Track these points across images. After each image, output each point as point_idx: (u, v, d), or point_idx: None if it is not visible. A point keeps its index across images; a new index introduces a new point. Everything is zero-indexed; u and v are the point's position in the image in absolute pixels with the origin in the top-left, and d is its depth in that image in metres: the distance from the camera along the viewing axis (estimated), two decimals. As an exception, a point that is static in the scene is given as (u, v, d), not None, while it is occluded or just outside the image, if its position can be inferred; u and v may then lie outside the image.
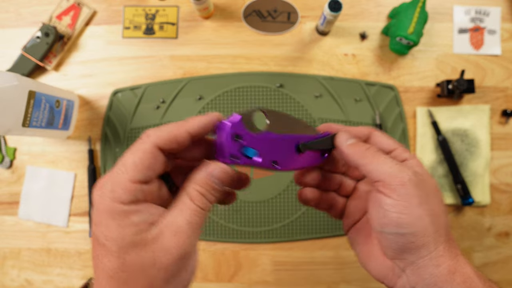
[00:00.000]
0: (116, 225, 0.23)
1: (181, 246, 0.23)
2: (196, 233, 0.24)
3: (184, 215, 0.24)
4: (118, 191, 0.23)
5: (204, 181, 0.25)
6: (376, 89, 0.64)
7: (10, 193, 0.65)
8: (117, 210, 0.23)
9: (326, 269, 0.63)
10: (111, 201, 0.23)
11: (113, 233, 0.23)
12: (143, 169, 0.24)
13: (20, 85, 0.49)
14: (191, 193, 0.25)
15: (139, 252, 0.23)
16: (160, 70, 0.65)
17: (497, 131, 0.64)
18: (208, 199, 0.25)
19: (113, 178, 0.24)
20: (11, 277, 0.64)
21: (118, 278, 0.23)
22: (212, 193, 0.25)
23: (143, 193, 0.24)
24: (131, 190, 0.23)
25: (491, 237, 0.63)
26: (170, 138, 0.25)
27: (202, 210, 0.25)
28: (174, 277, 0.23)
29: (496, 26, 0.65)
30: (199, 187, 0.25)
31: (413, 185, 0.26)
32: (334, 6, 0.57)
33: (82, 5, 0.66)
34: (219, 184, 0.25)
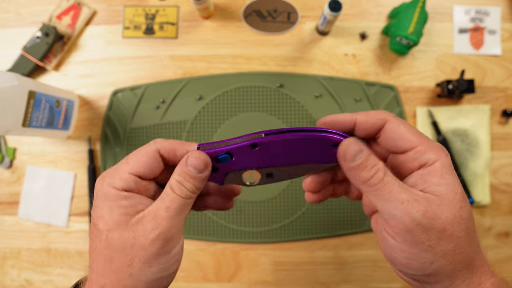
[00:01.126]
0: (107, 206, 0.25)
1: (159, 228, 0.25)
2: (176, 219, 0.26)
3: (163, 202, 0.26)
4: (115, 178, 0.26)
5: (181, 170, 0.27)
6: (376, 89, 0.64)
7: (10, 193, 0.65)
8: (110, 193, 0.26)
9: (326, 269, 0.63)
10: (108, 186, 0.26)
11: (103, 213, 0.25)
12: (142, 165, 0.27)
13: (20, 85, 0.49)
14: (171, 182, 0.27)
15: (122, 232, 0.25)
16: (160, 70, 0.65)
17: (497, 131, 0.64)
18: (186, 187, 0.26)
19: (114, 169, 0.27)
20: (11, 277, 0.64)
21: (104, 256, 0.25)
22: (190, 180, 0.26)
23: (137, 186, 0.27)
24: (126, 179, 0.26)
25: (491, 237, 0.63)
26: (171, 149, 0.28)
27: (181, 198, 0.26)
28: (153, 259, 0.25)
29: (496, 26, 0.65)
30: (177, 176, 0.27)
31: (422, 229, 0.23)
32: (334, 6, 0.57)
33: (82, 5, 0.66)
34: (194, 171, 0.27)
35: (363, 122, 0.27)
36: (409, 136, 0.26)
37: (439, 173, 0.24)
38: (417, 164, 0.25)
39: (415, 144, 0.25)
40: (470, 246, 0.24)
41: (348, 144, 0.25)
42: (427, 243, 0.23)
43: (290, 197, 0.63)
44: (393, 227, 0.23)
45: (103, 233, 0.25)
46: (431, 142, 0.26)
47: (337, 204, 0.63)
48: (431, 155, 0.25)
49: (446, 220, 0.23)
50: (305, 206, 0.63)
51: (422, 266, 0.23)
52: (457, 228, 0.23)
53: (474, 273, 0.24)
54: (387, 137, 0.26)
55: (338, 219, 0.63)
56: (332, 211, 0.63)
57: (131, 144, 0.64)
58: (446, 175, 0.24)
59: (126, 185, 0.26)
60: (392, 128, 0.26)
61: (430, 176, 0.24)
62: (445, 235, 0.23)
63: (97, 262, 0.25)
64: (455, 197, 0.24)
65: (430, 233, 0.23)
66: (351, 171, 0.25)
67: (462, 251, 0.23)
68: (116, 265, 0.25)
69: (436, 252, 0.23)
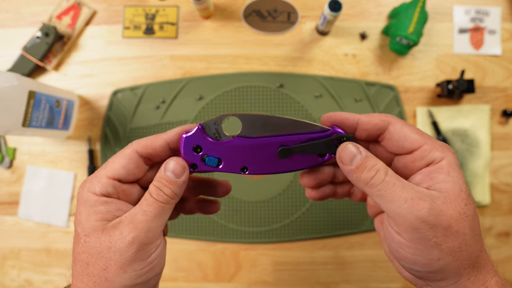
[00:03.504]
0: (86, 211, 0.26)
1: (134, 232, 0.25)
2: (153, 223, 0.26)
3: (141, 206, 0.26)
4: (94, 184, 0.26)
5: (159, 176, 0.27)
6: (376, 89, 0.64)
7: (10, 193, 0.65)
8: (89, 199, 0.26)
9: (326, 269, 0.63)
10: (87, 191, 0.26)
11: (81, 218, 0.26)
12: (119, 168, 0.27)
13: (20, 85, 0.49)
14: (150, 188, 0.27)
15: (98, 236, 0.25)
16: (160, 70, 0.65)
17: (497, 131, 0.64)
18: (164, 192, 0.27)
19: (94, 175, 0.27)
20: (11, 277, 0.64)
21: (81, 260, 0.25)
22: (167, 185, 0.27)
23: (116, 190, 0.27)
24: (104, 184, 0.26)
25: (491, 237, 0.63)
26: (148, 145, 0.28)
27: (158, 202, 0.26)
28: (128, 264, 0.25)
29: (496, 26, 0.65)
30: (157, 182, 0.27)
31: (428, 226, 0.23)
32: (334, 6, 0.57)
33: (82, 5, 0.66)
34: (173, 177, 0.27)
35: (365, 122, 0.27)
36: (414, 136, 0.26)
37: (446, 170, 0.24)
38: (424, 162, 0.25)
39: (421, 143, 0.25)
40: (475, 243, 0.24)
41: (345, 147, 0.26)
42: (433, 240, 0.23)
43: (290, 197, 0.63)
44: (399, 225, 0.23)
45: (81, 238, 0.26)
46: (436, 141, 0.26)
47: (337, 204, 0.63)
48: (437, 153, 0.25)
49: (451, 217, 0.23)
50: (305, 206, 0.63)
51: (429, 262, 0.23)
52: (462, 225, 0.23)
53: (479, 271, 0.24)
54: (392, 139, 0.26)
55: (338, 219, 0.63)
56: (332, 211, 0.63)
57: (131, 144, 0.64)
58: (453, 172, 0.24)
59: (104, 190, 0.26)
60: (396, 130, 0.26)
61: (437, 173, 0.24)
62: (450, 231, 0.23)
63: (76, 266, 0.26)
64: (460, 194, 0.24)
65: (436, 230, 0.23)
66: (351, 174, 0.25)
67: (468, 248, 0.23)
68: (92, 269, 0.25)
69: (443, 249, 0.23)
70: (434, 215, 0.23)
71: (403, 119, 0.63)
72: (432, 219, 0.23)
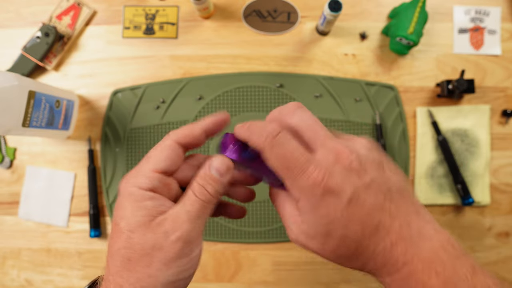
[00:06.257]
0: (131, 206, 0.26)
1: (179, 231, 0.25)
2: (196, 222, 0.26)
3: (184, 205, 0.26)
4: (140, 178, 0.26)
5: (204, 173, 0.27)
6: (376, 89, 0.64)
7: (10, 193, 0.65)
8: (135, 194, 0.26)
9: (326, 269, 0.63)
10: (132, 186, 0.26)
11: (127, 213, 0.26)
12: (163, 160, 0.27)
13: (20, 85, 0.49)
14: (193, 185, 0.27)
15: (143, 233, 0.25)
16: (160, 70, 0.65)
17: (497, 131, 0.64)
18: (207, 190, 0.27)
19: (137, 169, 0.27)
20: (11, 277, 0.64)
21: (123, 255, 0.25)
22: (212, 184, 0.27)
23: (161, 183, 0.27)
24: (150, 178, 0.26)
25: (491, 237, 0.63)
26: (187, 134, 0.28)
27: (201, 201, 0.26)
28: (172, 261, 0.25)
29: (496, 26, 0.65)
30: (200, 179, 0.27)
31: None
32: (334, 6, 0.57)
33: (82, 5, 0.66)
34: (217, 175, 0.27)
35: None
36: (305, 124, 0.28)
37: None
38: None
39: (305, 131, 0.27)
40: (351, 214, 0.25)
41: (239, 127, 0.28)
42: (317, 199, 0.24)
43: (290, 197, 0.63)
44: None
45: (124, 233, 0.25)
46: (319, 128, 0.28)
47: (337, 204, 0.63)
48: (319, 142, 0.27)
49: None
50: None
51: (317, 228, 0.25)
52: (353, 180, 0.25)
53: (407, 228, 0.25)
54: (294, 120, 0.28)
55: (338, 219, 0.63)
56: (332, 211, 0.63)
57: (131, 144, 0.64)
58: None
59: (151, 184, 0.26)
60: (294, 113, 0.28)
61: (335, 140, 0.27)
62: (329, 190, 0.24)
63: (116, 261, 0.25)
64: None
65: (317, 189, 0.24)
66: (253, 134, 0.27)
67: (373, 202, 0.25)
68: (134, 265, 0.25)
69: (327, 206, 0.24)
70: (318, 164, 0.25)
71: (403, 119, 0.64)
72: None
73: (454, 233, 0.64)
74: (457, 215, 0.64)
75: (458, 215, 0.64)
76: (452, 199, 0.63)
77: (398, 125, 0.64)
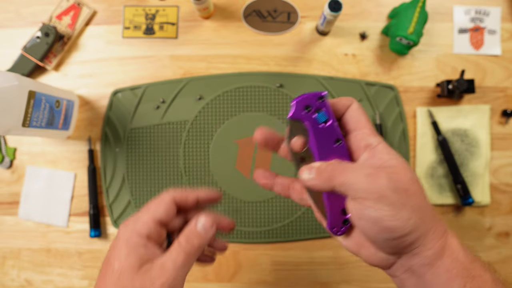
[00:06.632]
0: (126, 250, 0.29)
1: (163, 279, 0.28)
2: (180, 271, 0.29)
3: (171, 255, 0.30)
4: (139, 225, 0.30)
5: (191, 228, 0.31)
6: (376, 89, 0.64)
7: (10, 193, 0.65)
8: (132, 239, 0.30)
9: (326, 269, 0.63)
10: (131, 231, 0.30)
11: (121, 255, 0.29)
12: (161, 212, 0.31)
13: (20, 85, 0.49)
14: (180, 238, 0.31)
15: (132, 276, 0.28)
16: (160, 70, 0.65)
17: (497, 131, 0.64)
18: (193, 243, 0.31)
19: (137, 216, 0.31)
20: (11, 277, 0.64)
21: None
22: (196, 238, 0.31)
23: (155, 231, 0.31)
24: (148, 226, 0.30)
25: (491, 237, 0.63)
26: (183, 196, 0.34)
27: (187, 253, 0.30)
28: None
29: (496, 26, 0.65)
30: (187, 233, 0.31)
31: (392, 191, 0.26)
32: (334, 6, 0.57)
33: (82, 5, 0.66)
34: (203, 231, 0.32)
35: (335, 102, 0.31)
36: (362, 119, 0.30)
37: (386, 151, 0.28)
38: (363, 143, 0.29)
39: (365, 125, 0.30)
40: (428, 202, 0.28)
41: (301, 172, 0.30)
42: (400, 201, 0.26)
43: (290, 197, 0.63)
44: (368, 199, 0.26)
45: (116, 273, 0.29)
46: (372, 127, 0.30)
47: (337, 204, 0.63)
48: (374, 139, 0.29)
49: (406, 181, 0.27)
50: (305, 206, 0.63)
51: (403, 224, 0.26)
52: (415, 187, 0.27)
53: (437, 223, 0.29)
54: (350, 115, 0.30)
55: (338, 219, 0.63)
56: (332, 211, 0.63)
57: (131, 144, 0.64)
58: (391, 152, 0.29)
59: (148, 231, 0.30)
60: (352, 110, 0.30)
61: (381, 154, 0.28)
62: (410, 193, 0.27)
63: None
64: (404, 165, 0.28)
65: (399, 193, 0.26)
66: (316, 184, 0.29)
67: (424, 205, 0.28)
68: None
69: (408, 208, 0.26)
70: (393, 181, 0.26)
71: (403, 119, 0.64)
72: (392, 184, 0.26)
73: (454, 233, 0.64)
74: (457, 215, 0.64)
75: (458, 215, 0.64)
76: (452, 199, 0.63)
77: (398, 125, 0.64)
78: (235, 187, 0.63)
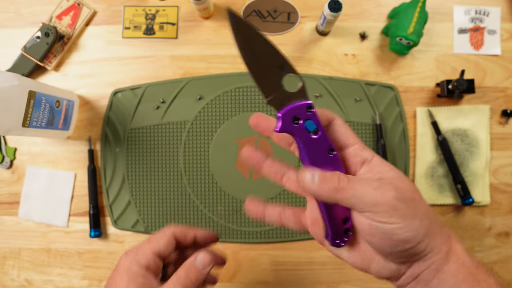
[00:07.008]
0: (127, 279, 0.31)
1: None
2: None
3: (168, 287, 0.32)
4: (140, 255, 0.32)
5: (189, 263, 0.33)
6: (376, 89, 0.64)
7: (10, 193, 0.65)
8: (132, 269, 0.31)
9: (326, 269, 0.63)
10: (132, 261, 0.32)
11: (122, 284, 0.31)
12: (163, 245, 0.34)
13: (20, 85, 0.49)
14: (179, 272, 0.33)
15: None
16: (160, 70, 0.65)
17: (497, 131, 0.64)
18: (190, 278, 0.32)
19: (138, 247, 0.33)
20: (11, 277, 0.64)
21: None
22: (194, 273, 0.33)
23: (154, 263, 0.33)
24: (149, 257, 0.32)
25: (491, 237, 0.63)
26: (183, 233, 0.36)
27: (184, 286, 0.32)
28: None
29: (496, 26, 0.65)
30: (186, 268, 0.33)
31: (402, 202, 0.26)
32: (334, 6, 0.57)
33: (82, 5, 0.66)
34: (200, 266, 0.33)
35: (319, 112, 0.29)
36: (350, 135, 0.30)
37: (382, 163, 0.29)
38: (359, 159, 0.29)
39: (355, 142, 0.29)
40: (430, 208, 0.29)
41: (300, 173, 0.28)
42: (410, 212, 0.26)
43: (290, 197, 0.63)
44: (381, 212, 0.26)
45: None
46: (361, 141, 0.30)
47: (337, 204, 0.63)
48: (368, 153, 0.29)
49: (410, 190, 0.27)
50: (305, 206, 0.63)
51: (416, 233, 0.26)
52: (417, 195, 0.28)
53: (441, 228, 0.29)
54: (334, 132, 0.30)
55: (338, 219, 0.63)
56: (332, 211, 0.63)
57: (131, 144, 0.64)
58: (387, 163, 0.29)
59: (147, 262, 0.32)
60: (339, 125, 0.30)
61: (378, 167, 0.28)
62: (416, 201, 0.27)
63: None
64: (402, 175, 0.28)
65: (407, 203, 0.26)
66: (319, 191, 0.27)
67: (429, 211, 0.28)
68: None
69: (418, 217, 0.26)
70: (400, 191, 0.26)
71: (403, 119, 0.64)
72: (401, 195, 0.26)
73: (454, 233, 0.63)
74: (457, 215, 0.64)
75: (458, 215, 0.64)
76: (452, 199, 0.63)
77: (398, 125, 0.64)
78: (235, 187, 0.63)
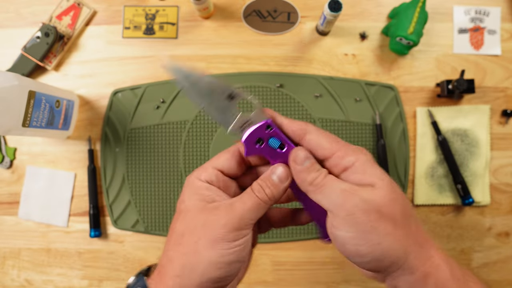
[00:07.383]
0: (189, 193, 0.30)
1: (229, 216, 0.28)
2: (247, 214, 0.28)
3: (241, 198, 0.29)
4: (200, 172, 0.31)
5: (265, 177, 0.30)
6: (376, 89, 0.64)
7: (10, 193, 0.65)
8: (194, 183, 0.30)
9: (326, 269, 0.63)
10: (194, 178, 0.30)
11: (185, 197, 0.30)
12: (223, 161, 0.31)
13: (20, 85, 0.49)
14: (253, 185, 0.30)
15: (197, 213, 0.29)
16: (160, 70, 0.65)
17: (497, 131, 0.64)
18: (265, 191, 0.29)
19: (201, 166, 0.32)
20: (11, 277, 0.64)
21: (178, 232, 0.29)
22: (270, 187, 0.29)
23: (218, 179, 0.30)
24: (209, 172, 0.30)
25: (491, 237, 0.63)
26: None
27: (258, 199, 0.29)
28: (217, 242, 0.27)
29: (496, 26, 0.65)
30: (261, 181, 0.30)
31: (362, 212, 0.25)
32: (334, 6, 0.57)
33: (82, 5, 0.66)
34: (277, 180, 0.29)
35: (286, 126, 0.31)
36: (326, 144, 0.29)
37: (360, 169, 0.27)
38: (340, 168, 0.28)
39: (334, 151, 0.28)
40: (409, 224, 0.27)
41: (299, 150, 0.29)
42: (369, 224, 0.25)
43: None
44: (338, 216, 0.26)
45: (181, 213, 0.29)
46: (349, 146, 0.29)
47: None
48: (350, 158, 0.28)
49: (380, 202, 0.26)
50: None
51: (371, 249, 0.25)
52: (392, 209, 0.26)
53: (422, 248, 0.27)
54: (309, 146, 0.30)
55: (338, 219, 0.63)
56: (332, 211, 0.63)
57: (131, 144, 0.64)
58: (369, 169, 0.27)
59: (208, 177, 0.30)
60: (312, 139, 0.29)
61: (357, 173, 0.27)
62: (382, 215, 0.26)
63: (171, 238, 0.29)
64: (385, 183, 0.27)
65: (370, 214, 0.25)
66: (300, 173, 0.28)
67: (403, 229, 0.26)
68: (185, 239, 0.28)
69: (379, 232, 0.25)
70: (365, 201, 0.25)
71: (403, 119, 0.64)
72: (364, 204, 0.25)
73: (454, 233, 0.64)
74: (457, 215, 0.64)
75: (458, 215, 0.64)
76: (452, 199, 0.63)
77: (398, 125, 0.64)
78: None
